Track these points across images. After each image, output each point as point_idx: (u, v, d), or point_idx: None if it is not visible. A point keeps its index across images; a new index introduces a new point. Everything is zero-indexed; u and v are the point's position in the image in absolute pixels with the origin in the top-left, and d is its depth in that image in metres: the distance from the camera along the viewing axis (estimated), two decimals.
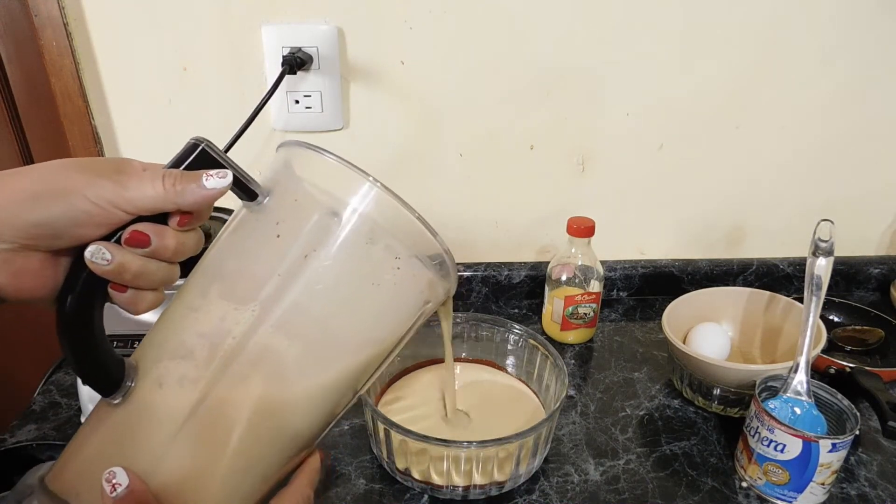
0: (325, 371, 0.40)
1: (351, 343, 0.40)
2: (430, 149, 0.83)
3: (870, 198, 0.92)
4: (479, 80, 0.79)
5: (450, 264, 0.42)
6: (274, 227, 0.38)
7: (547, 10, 0.75)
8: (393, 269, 0.39)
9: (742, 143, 0.86)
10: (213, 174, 0.35)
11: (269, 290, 0.37)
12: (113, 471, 0.34)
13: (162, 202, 0.34)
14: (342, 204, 0.38)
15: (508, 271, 0.89)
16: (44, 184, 0.33)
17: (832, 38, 0.80)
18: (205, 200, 0.35)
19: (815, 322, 0.61)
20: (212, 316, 0.38)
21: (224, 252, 0.40)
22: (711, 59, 0.80)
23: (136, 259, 0.34)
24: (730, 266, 0.92)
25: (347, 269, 0.38)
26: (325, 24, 0.74)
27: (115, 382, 0.37)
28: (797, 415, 0.59)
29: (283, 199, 0.39)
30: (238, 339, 0.37)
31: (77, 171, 0.33)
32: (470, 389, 0.69)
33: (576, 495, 0.59)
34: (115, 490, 0.34)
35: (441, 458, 0.55)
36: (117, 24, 0.73)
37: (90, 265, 0.33)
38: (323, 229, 0.38)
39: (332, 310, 0.39)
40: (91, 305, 0.35)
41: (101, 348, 0.36)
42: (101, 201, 0.33)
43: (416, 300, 0.42)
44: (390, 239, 0.39)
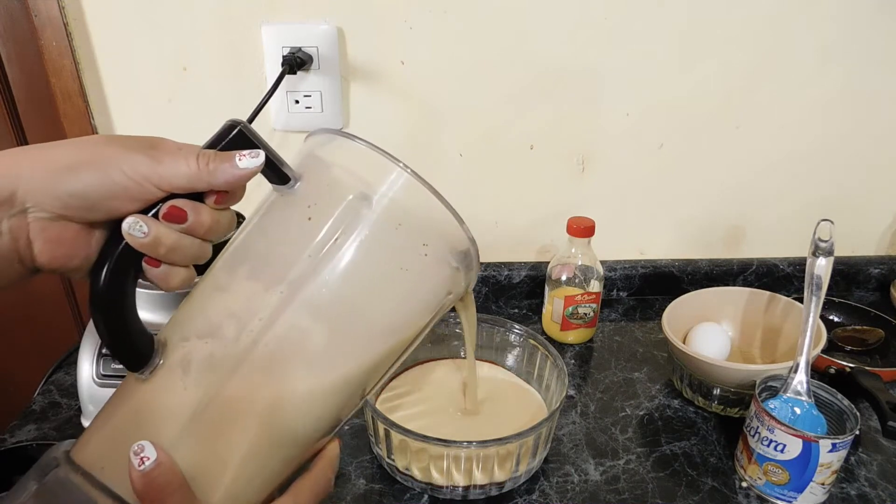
0: (352, 355, 0.40)
1: (376, 327, 0.40)
2: (430, 149, 0.83)
3: (870, 198, 0.92)
4: (479, 80, 0.79)
5: (474, 254, 0.43)
6: (305, 209, 0.39)
7: (547, 10, 0.75)
8: (420, 255, 0.40)
9: (742, 142, 0.86)
10: (245, 154, 0.36)
11: (299, 271, 0.38)
12: (141, 444, 0.35)
13: (195, 180, 0.34)
14: (373, 188, 0.39)
15: (508, 271, 0.89)
16: (80, 155, 0.33)
17: (832, 37, 0.80)
18: (237, 180, 0.35)
19: (815, 322, 0.61)
20: (240, 296, 0.38)
21: (254, 234, 0.41)
22: (711, 58, 0.80)
23: (171, 233, 0.35)
24: (730, 266, 0.92)
25: (376, 253, 0.39)
26: (325, 24, 0.74)
27: (145, 358, 0.37)
28: (797, 415, 0.59)
29: (315, 183, 0.40)
30: (265, 320, 0.37)
31: (113, 145, 0.34)
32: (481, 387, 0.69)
33: (576, 495, 0.59)
34: (143, 463, 0.34)
35: (441, 457, 0.55)
36: (117, 24, 0.73)
37: (127, 237, 0.34)
38: (354, 212, 0.38)
39: (359, 292, 0.39)
40: (125, 278, 0.35)
41: (132, 322, 0.36)
42: (136, 175, 0.33)
43: (440, 288, 0.42)
44: (419, 224, 0.40)
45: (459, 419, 0.64)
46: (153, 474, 0.34)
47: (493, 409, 0.66)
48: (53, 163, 0.33)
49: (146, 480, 0.34)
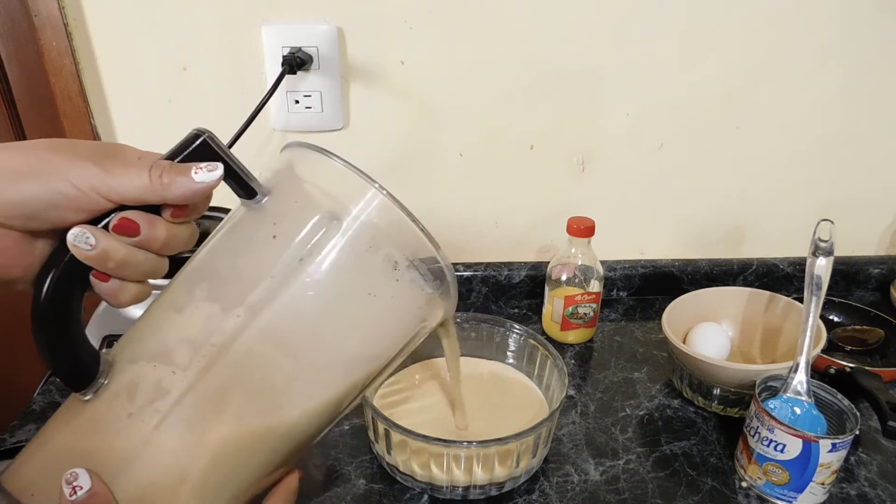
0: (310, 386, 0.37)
1: (340, 357, 0.38)
2: (430, 149, 0.83)
3: (870, 198, 0.92)
4: (479, 80, 0.79)
5: (450, 280, 0.40)
6: (271, 227, 0.37)
7: (547, 10, 0.75)
8: (391, 280, 0.37)
9: (742, 143, 0.86)
10: (203, 167, 0.33)
11: (259, 293, 0.35)
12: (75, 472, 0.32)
13: (147, 193, 0.32)
14: (344, 208, 0.36)
15: (508, 271, 0.89)
16: (24, 162, 0.31)
17: (832, 37, 0.80)
18: (193, 194, 0.33)
19: (815, 322, 0.61)
20: (196, 318, 0.36)
21: (215, 251, 0.38)
22: (711, 58, 0.80)
23: (121, 247, 0.32)
24: (730, 266, 0.92)
25: (343, 276, 0.36)
26: (325, 24, 0.74)
27: (88, 377, 0.35)
28: (797, 415, 0.59)
29: (283, 200, 0.37)
30: (219, 346, 0.35)
31: (62, 153, 0.32)
32: (475, 382, 0.69)
33: (576, 495, 0.58)
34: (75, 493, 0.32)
35: (441, 455, 0.55)
36: (117, 24, 0.73)
37: (72, 249, 0.31)
38: (321, 232, 0.36)
39: (323, 319, 0.37)
40: (70, 292, 0.33)
41: (76, 339, 0.34)
42: (83, 185, 0.31)
43: (413, 316, 0.40)
44: (391, 249, 0.37)
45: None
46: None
47: (494, 406, 0.66)
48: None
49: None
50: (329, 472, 0.60)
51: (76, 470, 0.33)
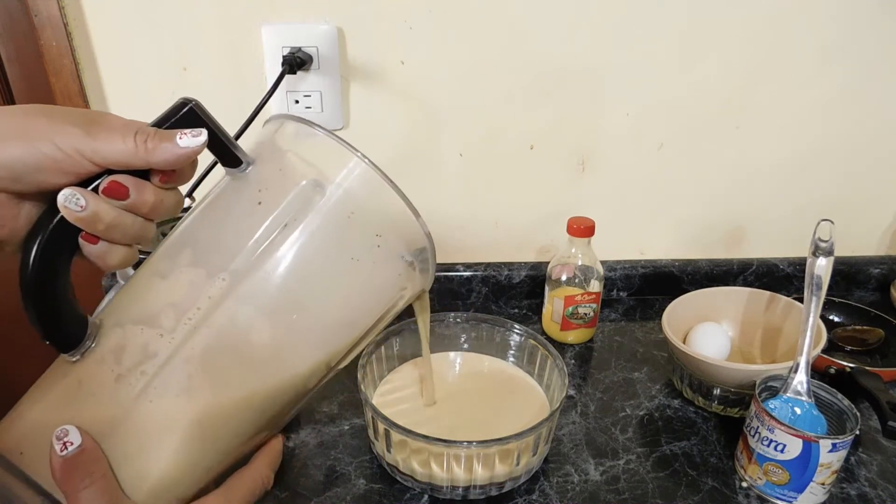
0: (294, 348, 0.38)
1: (322, 321, 0.39)
2: (430, 149, 0.83)
3: (870, 198, 0.92)
4: (479, 80, 0.79)
5: (430, 249, 0.41)
6: (255, 194, 0.37)
7: (547, 10, 0.75)
8: (373, 246, 0.38)
9: (742, 143, 0.86)
10: (187, 133, 0.34)
11: (243, 259, 0.36)
12: (65, 428, 0.33)
13: (131, 157, 0.33)
14: (327, 176, 0.37)
15: (508, 271, 0.89)
16: (11, 125, 0.32)
17: (832, 37, 0.80)
18: (177, 159, 0.34)
19: (815, 322, 0.61)
20: (180, 283, 0.37)
21: (201, 218, 0.39)
22: (711, 59, 0.80)
23: (111, 209, 0.33)
24: (730, 266, 0.92)
25: (326, 241, 0.37)
26: (325, 24, 0.74)
27: (76, 339, 0.35)
28: (797, 415, 0.59)
29: (268, 168, 0.38)
30: (204, 310, 0.36)
31: (48, 116, 0.32)
32: (476, 378, 0.69)
33: (576, 495, 0.58)
34: (66, 448, 0.33)
35: (441, 456, 0.55)
36: (117, 24, 0.73)
37: (63, 210, 0.32)
38: (305, 199, 0.37)
39: (306, 283, 0.37)
40: (59, 254, 0.33)
41: (64, 301, 0.34)
42: (68, 148, 0.32)
43: (393, 283, 0.41)
44: (373, 215, 0.38)
45: (461, 413, 0.64)
46: (76, 461, 0.33)
47: (498, 404, 0.66)
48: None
49: (67, 467, 0.32)
50: (329, 472, 0.60)
51: (66, 427, 0.33)
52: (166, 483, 0.36)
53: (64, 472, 0.33)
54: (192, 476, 0.37)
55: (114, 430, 0.35)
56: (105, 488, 0.33)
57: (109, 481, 0.34)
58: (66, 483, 0.33)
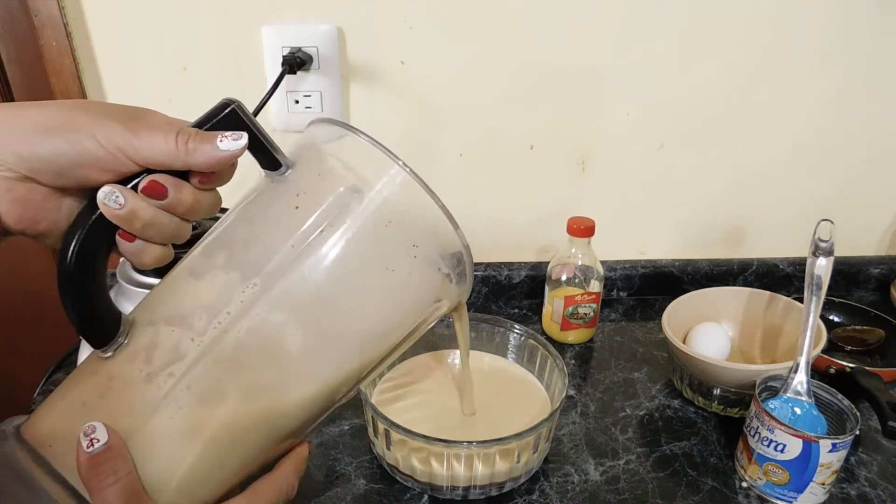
0: (325, 357, 0.38)
1: (354, 330, 0.38)
2: (430, 149, 0.83)
3: (870, 198, 0.92)
4: (479, 79, 0.79)
5: (467, 261, 0.41)
6: (294, 198, 0.37)
7: (547, 10, 0.75)
8: (409, 256, 0.38)
9: (742, 142, 0.86)
10: (228, 136, 0.34)
11: (278, 262, 0.36)
12: (93, 425, 0.33)
13: (172, 158, 0.33)
14: (366, 182, 0.37)
15: (508, 271, 0.89)
16: (55, 119, 0.32)
17: (832, 37, 0.80)
18: (217, 162, 0.34)
19: (815, 322, 0.61)
20: (214, 284, 0.37)
21: (238, 220, 0.39)
22: (711, 59, 0.80)
23: (149, 208, 0.33)
24: (730, 266, 0.92)
25: (363, 249, 0.37)
26: (325, 24, 0.74)
27: (109, 335, 0.36)
28: (797, 415, 0.59)
29: (307, 172, 0.38)
30: (234, 313, 0.36)
31: (91, 112, 0.33)
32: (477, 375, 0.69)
33: (576, 495, 0.58)
34: (92, 445, 0.33)
35: (441, 455, 0.55)
36: (117, 24, 0.73)
37: (102, 207, 0.32)
38: (343, 205, 0.36)
39: (341, 290, 0.37)
40: (96, 249, 0.34)
41: (99, 296, 0.35)
42: (110, 145, 0.32)
43: (428, 294, 0.40)
44: (411, 224, 0.38)
45: (462, 416, 0.64)
46: (101, 458, 0.33)
47: (498, 402, 0.66)
48: (25, 124, 0.32)
49: (93, 463, 0.33)
50: (329, 472, 0.60)
51: (94, 423, 0.33)
52: (190, 485, 0.36)
53: (89, 469, 0.33)
54: (216, 479, 0.37)
55: (140, 430, 0.35)
56: (129, 486, 0.33)
57: (133, 480, 0.34)
58: (91, 479, 0.33)
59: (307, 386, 0.38)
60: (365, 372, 0.40)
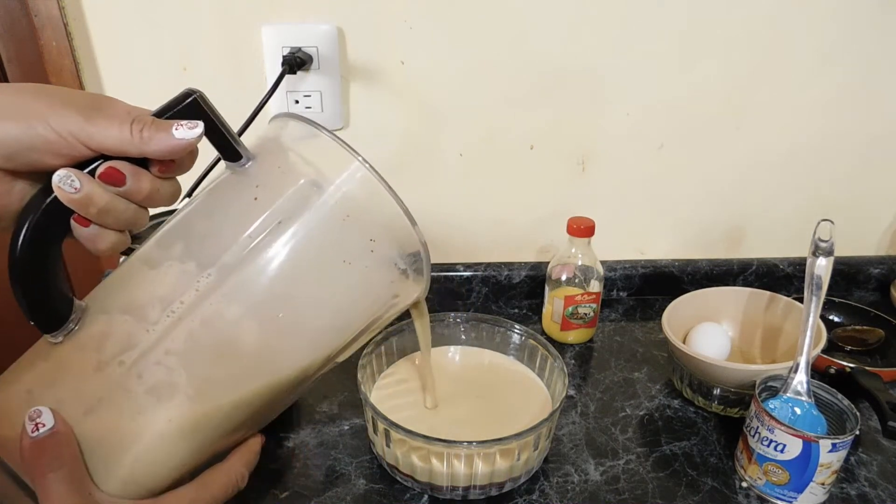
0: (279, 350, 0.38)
1: (310, 322, 0.38)
2: (430, 149, 0.83)
3: (870, 198, 0.92)
4: (479, 80, 0.79)
5: (424, 258, 0.41)
6: (253, 189, 0.37)
7: (547, 10, 0.75)
8: (366, 250, 0.38)
9: (742, 142, 0.86)
10: (183, 124, 0.34)
11: (235, 252, 0.36)
12: (39, 409, 0.33)
13: (126, 145, 0.33)
14: (326, 177, 0.37)
15: (508, 271, 0.89)
16: (7, 103, 0.32)
17: (832, 37, 0.80)
18: (172, 150, 0.34)
19: (815, 322, 0.61)
20: (169, 274, 0.36)
21: (195, 211, 0.39)
22: (711, 59, 0.80)
23: (105, 194, 0.33)
24: (730, 266, 0.92)
25: (320, 241, 0.37)
26: (325, 24, 0.74)
27: (59, 320, 0.35)
28: (797, 415, 0.59)
29: (267, 165, 0.38)
30: (187, 304, 0.35)
31: (47, 97, 0.32)
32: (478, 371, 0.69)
33: (576, 495, 0.58)
34: (37, 430, 0.32)
35: (441, 455, 0.55)
36: (117, 24, 0.73)
37: (57, 190, 0.32)
38: (302, 197, 0.37)
39: (295, 282, 0.37)
40: (50, 233, 0.33)
41: (52, 281, 0.34)
42: (63, 131, 0.32)
43: (384, 289, 0.41)
44: (369, 219, 0.38)
45: (465, 407, 0.64)
46: (46, 443, 0.32)
47: (500, 399, 0.65)
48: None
49: (36, 448, 0.32)
50: (329, 472, 0.60)
51: (40, 408, 0.33)
52: (138, 475, 0.36)
53: (32, 454, 0.32)
54: (165, 469, 0.37)
55: (88, 417, 0.35)
56: (72, 474, 0.33)
57: (78, 467, 0.33)
58: (34, 465, 0.32)
59: (259, 379, 0.38)
60: (319, 365, 0.40)
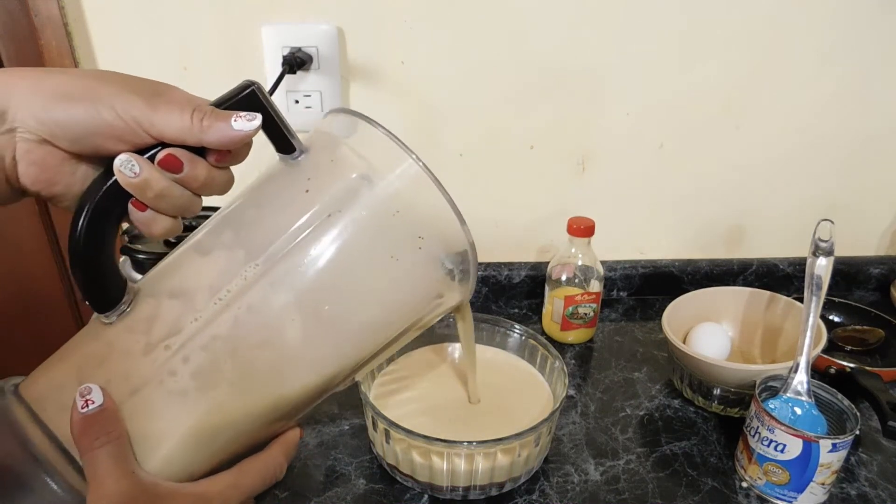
0: (322, 342, 0.38)
1: (354, 316, 0.39)
2: (430, 149, 0.83)
3: (870, 198, 0.92)
4: (479, 80, 0.79)
5: (471, 259, 0.41)
6: (304, 181, 0.38)
7: (547, 10, 0.75)
8: (414, 247, 0.38)
9: (742, 142, 0.86)
10: (243, 115, 0.35)
11: (283, 243, 0.36)
12: (89, 386, 0.34)
13: (186, 134, 0.34)
14: (378, 172, 0.38)
15: (508, 271, 0.89)
16: (75, 87, 0.33)
17: (832, 37, 0.80)
18: (229, 140, 0.35)
19: (815, 322, 0.61)
20: (218, 262, 0.37)
21: (248, 200, 0.40)
22: (711, 58, 0.80)
23: (162, 180, 0.34)
24: (730, 266, 0.92)
25: (368, 236, 0.37)
26: (325, 24, 0.74)
27: (113, 301, 0.36)
28: (797, 415, 0.59)
29: (320, 158, 0.39)
30: (234, 292, 0.36)
31: (113, 83, 0.34)
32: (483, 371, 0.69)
33: (576, 495, 0.58)
34: (87, 406, 0.34)
35: (442, 455, 0.55)
36: (117, 24, 0.73)
37: (117, 173, 0.33)
38: (353, 191, 0.37)
39: (341, 275, 0.37)
40: (108, 215, 0.34)
41: (107, 262, 0.35)
42: (127, 116, 0.33)
43: (430, 288, 0.41)
44: (418, 216, 0.38)
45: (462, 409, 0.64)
46: (94, 419, 0.34)
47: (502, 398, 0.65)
48: (47, 89, 0.33)
49: (85, 423, 0.33)
50: (329, 472, 0.60)
51: (90, 385, 0.34)
52: (178, 457, 0.37)
53: (82, 428, 0.34)
54: (204, 454, 0.38)
55: (134, 397, 0.36)
56: (118, 449, 0.34)
57: (124, 444, 0.34)
58: (83, 439, 0.34)
59: (302, 370, 0.38)
60: (361, 362, 0.41)
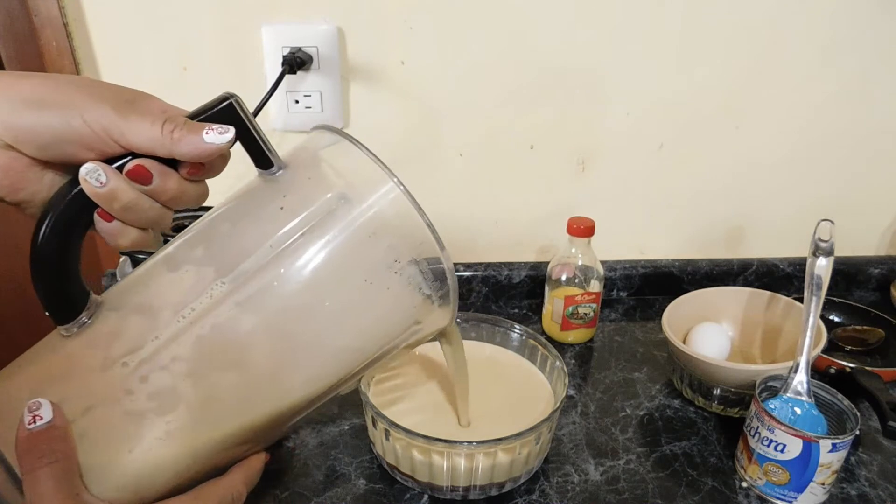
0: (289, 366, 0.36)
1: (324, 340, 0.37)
2: (430, 149, 0.83)
3: (870, 198, 0.92)
4: (479, 80, 0.79)
5: (451, 286, 0.39)
6: (280, 198, 0.36)
7: (547, 10, 0.75)
8: (390, 270, 0.37)
9: (742, 142, 0.86)
10: (215, 128, 0.34)
11: (254, 261, 0.35)
12: (39, 401, 0.33)
13: (156, 145, 0.33)
14: (356, 192, 0.36)
15: (508, 271, 0.89)
16: (46, 93, 0.32)
17: (832, 37, 0.80)
18: (200, 154, 0.33)
19: (815, 322, 0.61)
20: (185, 278, 0.36)
21: (223, 215, 0.38)
22: (711, 58, 0.80)
23: (130, 191, 0.33)
24: (730, 266, 0.92)
25: (342, 256, 0.36)
26: (325, 24, 0.74)
27: (74, 312, 0.35)
28: (797, 415, 0.59)
29: (298, 175, 0.38)
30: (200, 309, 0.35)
31: (84, 90, 0.33)
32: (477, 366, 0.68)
33: (576, 495, 0.58)
34: (34, 422, 0.32)
35: (442, 455, 0.55)
36: (117, 24, 0.73)
37: (83, 182, 0.32)
38: (329, 211, 0.36)
39: (313, 296, 0.36)
40: (73, 225, 0.33)
41: (70, 272, 0.34)
42: (96, 125, 0.32)
43: (406, 314, 0.39)
44: (395, 240, 0.37)
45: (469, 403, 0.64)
46: (41, 436, 0.32)
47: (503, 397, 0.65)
48: (17, 94, 0.32)
49: (31, 441, 0.32)
50: (329, 472, 0.60)
51: (40, 399, 0.33)
52: (132, 481, 0.35)
53: (27, 446, 0.32)
54: (160, 477, 0.36)
55: (87, 415, 0.34)
56: (64, 471, 0.32)
57: (70, 465, 0.33)
58: (26, 457, 0.32)
59: (266, 396, 0.37)
60: (330, 388, 0.39)
